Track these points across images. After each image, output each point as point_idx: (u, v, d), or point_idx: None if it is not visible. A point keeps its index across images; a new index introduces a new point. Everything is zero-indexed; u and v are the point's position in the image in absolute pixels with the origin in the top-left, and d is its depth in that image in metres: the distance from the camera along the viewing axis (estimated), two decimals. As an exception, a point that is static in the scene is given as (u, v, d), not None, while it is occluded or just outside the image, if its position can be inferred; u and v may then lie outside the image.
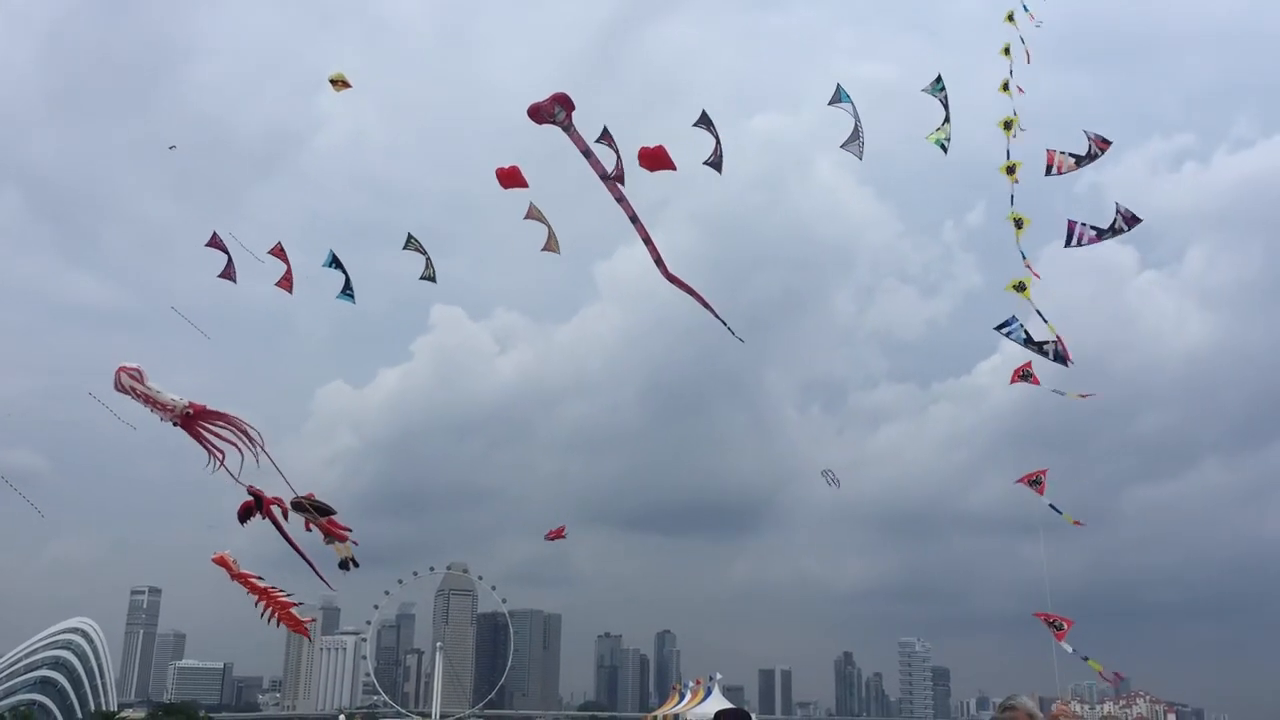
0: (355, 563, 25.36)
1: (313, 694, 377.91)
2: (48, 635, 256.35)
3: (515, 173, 23.71)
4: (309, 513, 21.39)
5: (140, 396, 18.82)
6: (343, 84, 32.73)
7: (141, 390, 18.78)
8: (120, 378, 18.70)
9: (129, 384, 18.71)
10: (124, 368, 18.74)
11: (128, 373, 18.71)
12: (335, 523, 21.89)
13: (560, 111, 18.74)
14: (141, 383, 18.88)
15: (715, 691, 77.31)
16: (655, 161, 19.61)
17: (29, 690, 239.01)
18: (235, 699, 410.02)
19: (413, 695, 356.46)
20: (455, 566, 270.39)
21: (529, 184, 24.05)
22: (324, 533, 21.84)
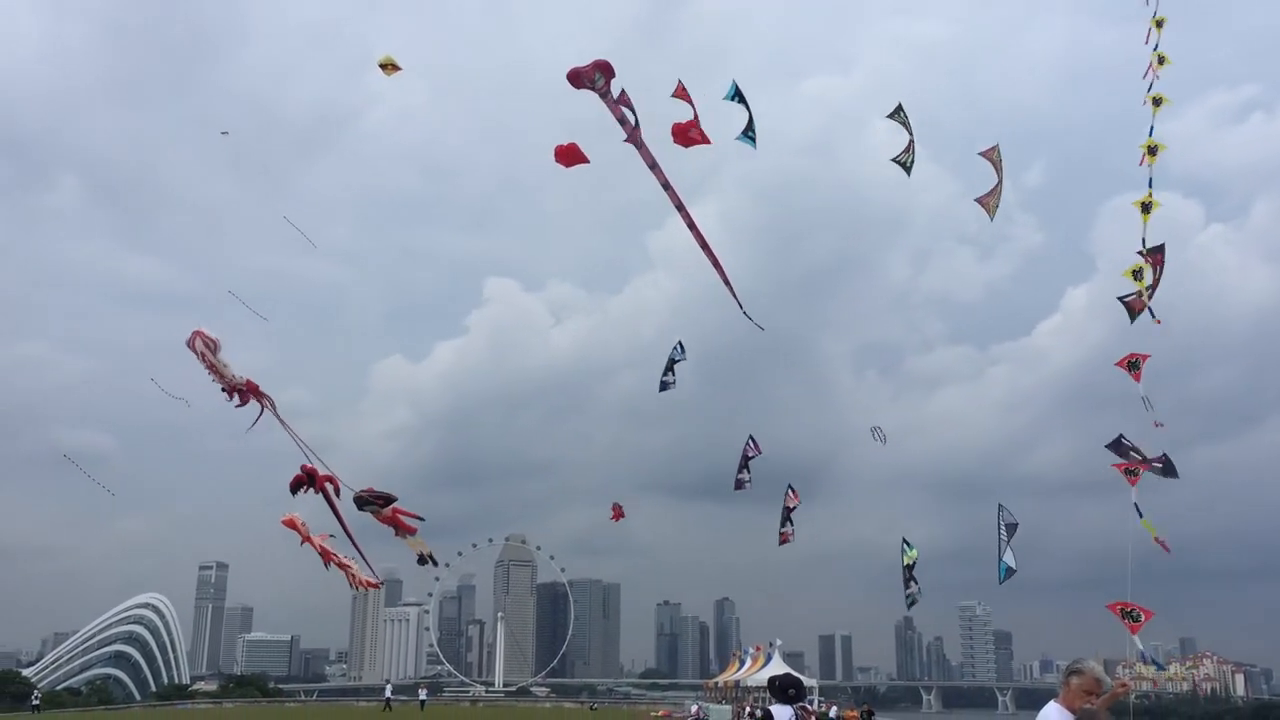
0: (434, 558, 25.34)
1: (378, 665, 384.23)
2: (121, 611, 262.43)
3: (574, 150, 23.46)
4: (373, 505, 21.42)
5: (206, 362, 19.11)
6: (392, 67, 32.66)
7: (210, 359, 19.05)
8: (196, 341, 18.96)
9: (201, 348, 18.98)
10: (202, 333, 19.02)
11: (204, 339, 18.97)
12: (401, 510, 21.91)
13: (600, 78, 18.52)
14: (214, 353, 19.15)
15: (776, 657, 77.23)
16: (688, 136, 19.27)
17: (104, 664, 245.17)
18: (303, 670, 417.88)
19: (476, 665, 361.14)
20: (514, 538, 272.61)
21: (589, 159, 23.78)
22: (393, 525, 21.86)
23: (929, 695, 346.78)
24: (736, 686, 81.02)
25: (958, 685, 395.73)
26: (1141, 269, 31.83)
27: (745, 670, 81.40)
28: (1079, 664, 9.17)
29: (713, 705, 77.91)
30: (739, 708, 69.20)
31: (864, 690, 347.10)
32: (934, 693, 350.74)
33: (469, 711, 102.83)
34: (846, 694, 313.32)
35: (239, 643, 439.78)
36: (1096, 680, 8.93)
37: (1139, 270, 31.96)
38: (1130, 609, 29.25)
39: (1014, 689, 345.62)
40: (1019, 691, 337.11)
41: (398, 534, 21.83)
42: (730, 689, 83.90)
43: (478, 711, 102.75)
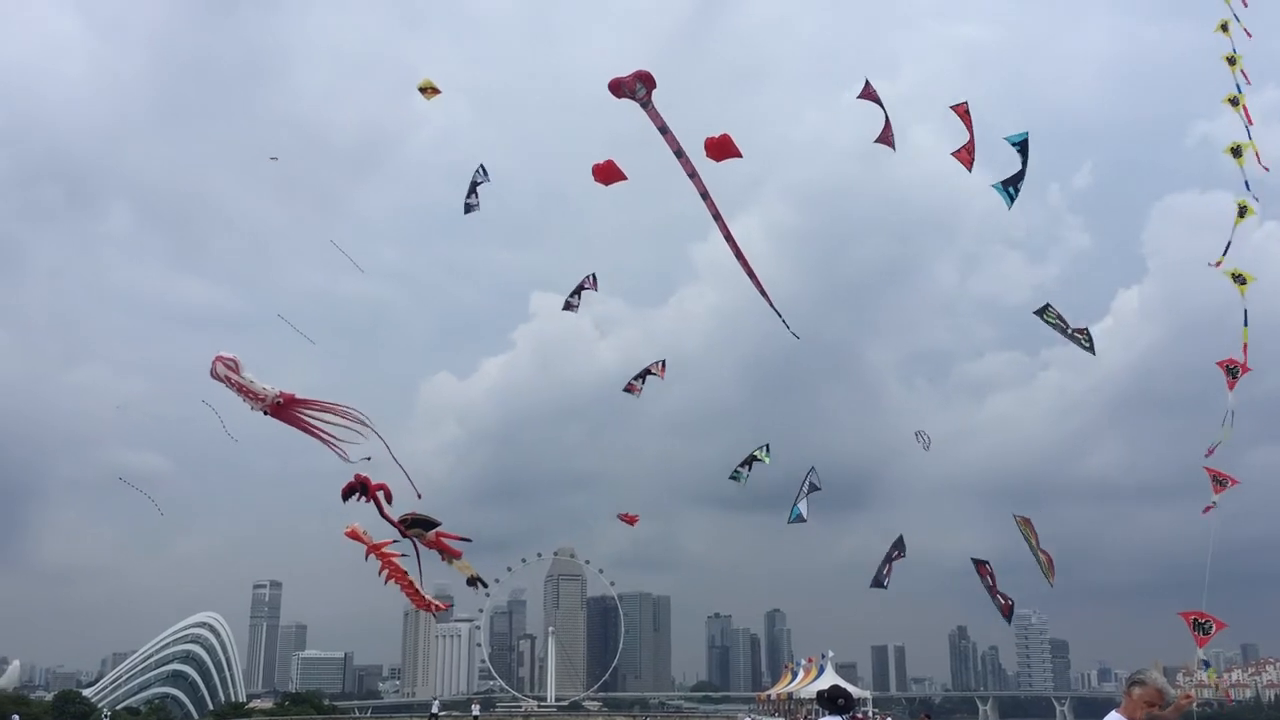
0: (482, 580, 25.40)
1: (430, 680, 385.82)
2: (177, 630, 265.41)
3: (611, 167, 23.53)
4: (418, 529, 21.45)
5: (234, 385, 19.24)
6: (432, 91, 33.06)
7: (235, 380, 19.19)
8: (216, 366, 19.16)
9: (224, 373, 19.16)
10: (221, 357, 19.21)
11: (224, 362, 19.17)
12: (445, 533, 21.90)
13: (641, 88, 18.54)
14: (236, 372, 19.29)
15: (828, 669, 76.71)
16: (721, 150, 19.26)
17: (162, 684, 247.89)
18: (357, 687, 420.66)
19: (528, 680, 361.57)
20: (562, 551, 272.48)
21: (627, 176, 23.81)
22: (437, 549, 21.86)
23: (985, 706, 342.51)
24: (789, 699, 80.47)
25: (1014, 695, 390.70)
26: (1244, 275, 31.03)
27: (798, 682, 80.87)
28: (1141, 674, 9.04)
29: (766, 717, 77.48)
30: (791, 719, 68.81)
31: (919, 701, 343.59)
32: (990, 703, 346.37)
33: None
34: (901, 705, 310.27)
35: (293, 660, 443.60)
36: (1159, 691, 8.78)
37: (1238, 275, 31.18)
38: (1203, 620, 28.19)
39: (1072, 698, 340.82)
40: (1077, 701, 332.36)
41: (443, 558, 21.83)
42: (783, 701, 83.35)
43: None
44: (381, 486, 21.14)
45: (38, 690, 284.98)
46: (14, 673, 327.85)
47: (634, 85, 18.63)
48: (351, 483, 20.74)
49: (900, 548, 32.76)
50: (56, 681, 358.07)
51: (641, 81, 18.61)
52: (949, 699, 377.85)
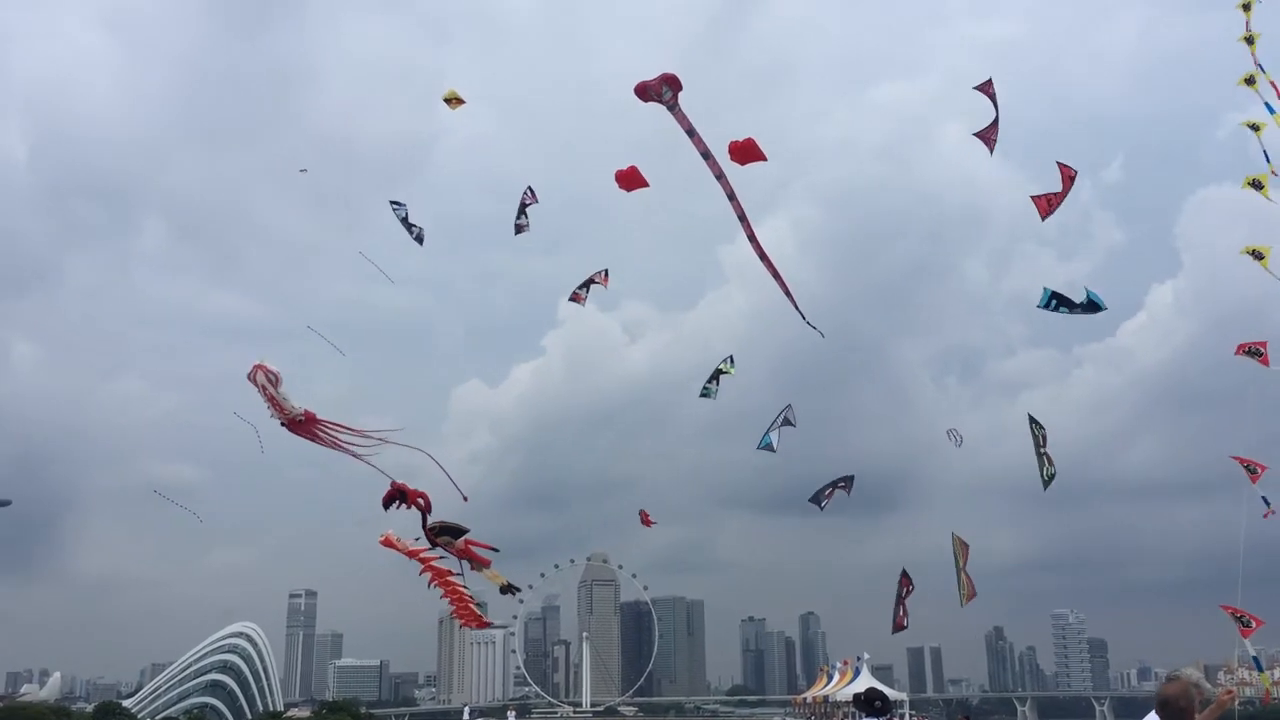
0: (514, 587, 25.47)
1: (466, 687, 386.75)
2: (214, 640, 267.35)
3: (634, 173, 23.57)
4: (445, 537, 21.54)
5: (266, 396, 19.46)
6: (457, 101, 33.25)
7: (271, 392, 19.40)
8: (257, 374, 19.36)
9: (262, 381, 19.36)
10: (263, 367, 19.41)
11: (265, 372, 19.38)
12: (474, 541, 21.98)
13: (667, 91, 18.57)
14: (275, 385, 19.49)
15: (864, 671, 76.34)
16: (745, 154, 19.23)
17: (201, 694, 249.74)
18: (394, 694, 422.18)
19: (563, 685, 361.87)
20: (595, 557, 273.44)
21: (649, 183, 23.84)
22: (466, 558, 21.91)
23: (1023, 707, 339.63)
24: (825, 701, 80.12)
25: (1053, 695, 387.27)
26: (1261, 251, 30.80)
27: (833, 685, 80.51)
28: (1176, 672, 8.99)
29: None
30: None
31: (956, 702, 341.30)
32: (1029, 704, 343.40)
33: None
34: (938, 707, 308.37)
35: (330, 669, 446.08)
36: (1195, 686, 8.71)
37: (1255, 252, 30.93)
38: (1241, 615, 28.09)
39: (1111, 698, 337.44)
40: (1117, 701, 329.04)
41: (473, 567, 21.87)
42: (819, 704, 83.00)
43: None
44: (421, 494, 21.27)
45: (79, 701, 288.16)
46: (55, 684, 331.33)
47: (660, 88, 18.67)
48: (391, 491, 20.90)
49: (849, 482, 32.70)
50: (97, 693, 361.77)
51: (667, 84, 18.65)
52: (986, 700, 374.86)
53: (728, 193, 19.41)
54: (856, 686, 65.04)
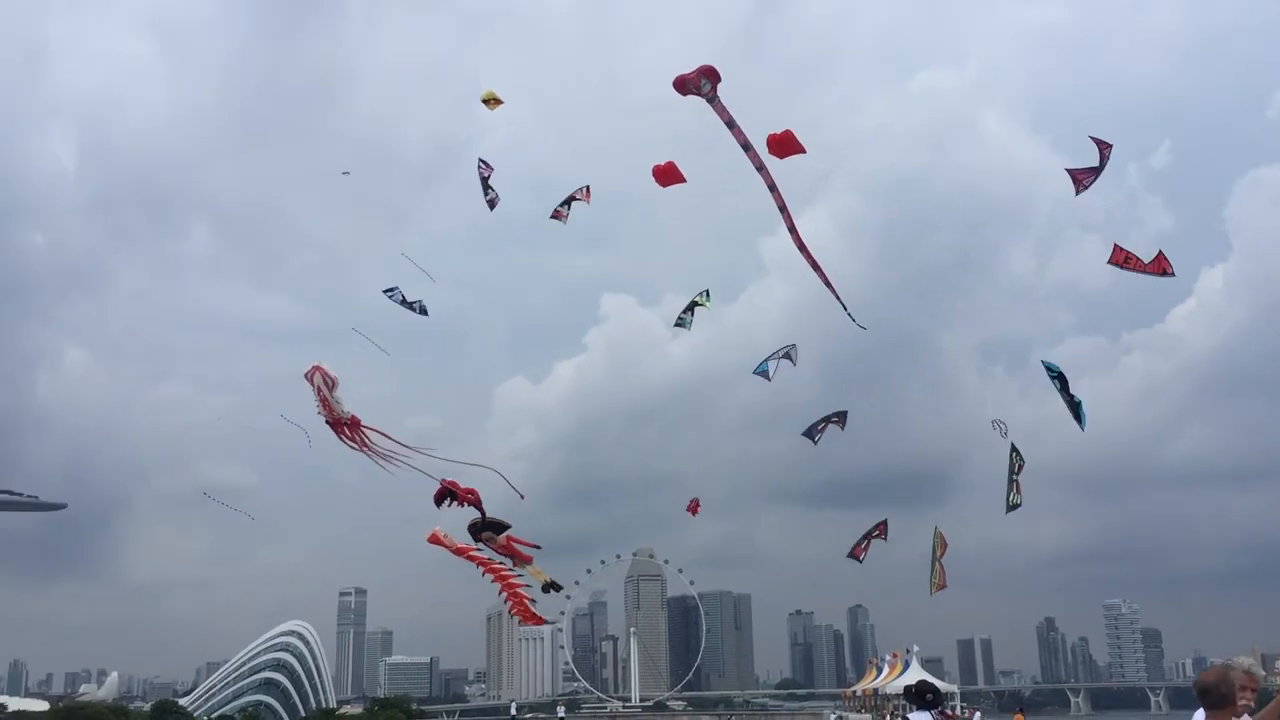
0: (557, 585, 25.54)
1: (515, 683, 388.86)
2: (267, 639, 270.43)
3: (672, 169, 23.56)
4: (489, 533, 21.65)
5: (320, 396, 19.72)
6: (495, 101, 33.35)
7: (325, 394, 19.66)
8: (315, 374, 19.62)
9: (320, 383, 19.62)
10: (322, 370, 19.67)
11: (324, 375, 19.64)
12: (516, 539, 22.06)
13: (706, 83, 18.52)
14: (330, 389, 19.75)
15: (913, 664, 75.84)
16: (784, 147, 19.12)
17: (255, 691, 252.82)
18: (444, 691, 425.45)
19: (611, 681, 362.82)
20: (641, 552, 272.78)
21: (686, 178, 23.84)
22: (509, 554, 21.99)
23: (1077, 698, 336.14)
24: (875, 694, 79.75)
25: (1107, 686, 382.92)
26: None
27: (883, 678, 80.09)
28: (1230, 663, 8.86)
29: (852, 714, 76.86)
30: (880, 715, 68.15)
31: (1007, 694, 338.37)
32: (1082, 695, 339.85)
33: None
34: (989, 699, 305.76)
35: (381, 666, 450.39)
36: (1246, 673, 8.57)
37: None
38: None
39: (1167, 688, 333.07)
40: (1172, 691, 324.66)
41: (515, 563, 21.95)
42: (869, 697, 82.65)
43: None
44: (471, 491, 21.46)
45: (136, 701, 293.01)
46: (112, 684, 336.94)
47: (699, 81, 18.63)
48: (441, 489, 21.10)
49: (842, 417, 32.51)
50: (153, 692, 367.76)
51: (706, 76, 18.61)
52: (1039, 691, 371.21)
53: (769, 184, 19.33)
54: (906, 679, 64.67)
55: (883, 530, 35.53)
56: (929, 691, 11.74)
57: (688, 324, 35.42)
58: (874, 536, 35.37)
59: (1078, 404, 29.95)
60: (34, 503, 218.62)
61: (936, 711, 11.46)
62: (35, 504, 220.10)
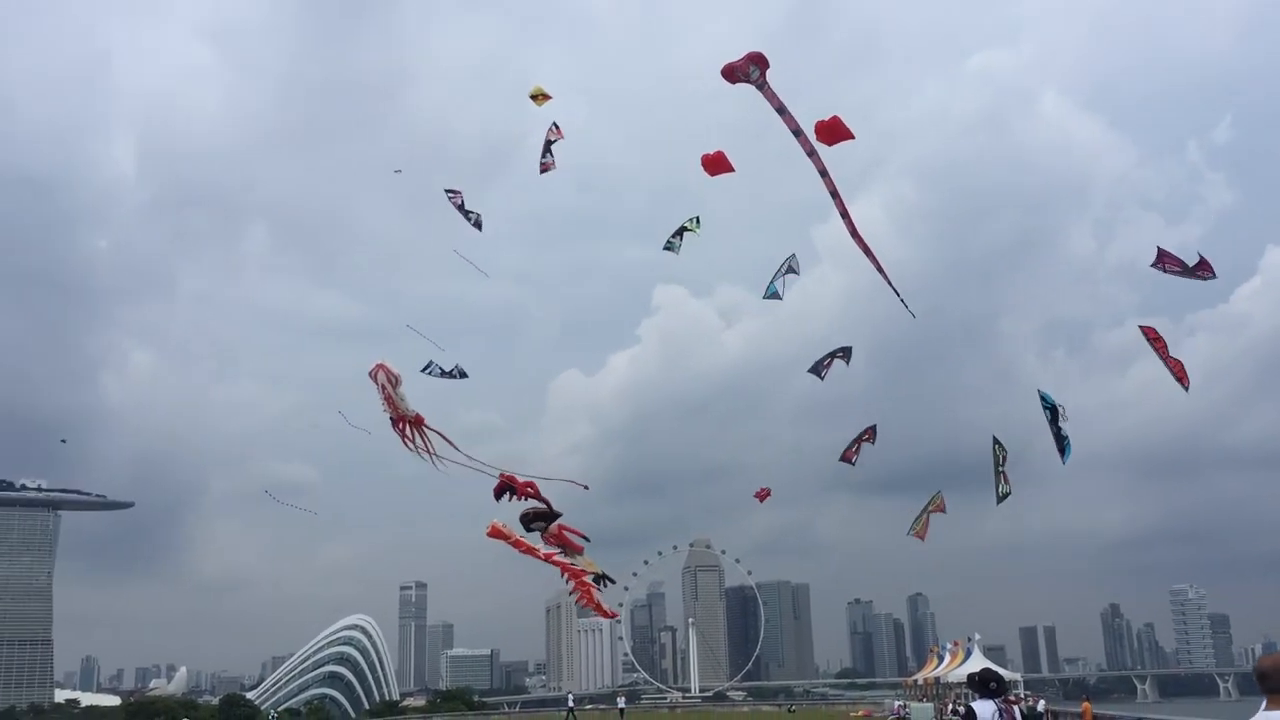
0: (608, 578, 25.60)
1: (576, 675, 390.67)
2: (331, 633, 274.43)
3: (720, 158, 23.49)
4: (539, 524, 21.74)
5: (385, 395, 19.90)
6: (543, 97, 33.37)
7: (390, 392, 19.84)
8: (379, 373, 19.81)
9: (383, 380, 19.81)
10: (385, 367, 19.86)
11: (387, 373, 19.83)
12: (567, 527, 22.11)
13: (755, 70, 18.42)
14: (394, 386, 19.93)
15: (975, 652, 75.07)
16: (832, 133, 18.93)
17: (320, 685, 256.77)
18: (505, 683, 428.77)
19: (670, 671, 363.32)
20: (698, 543, 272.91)
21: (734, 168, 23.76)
22: (560, 545, 22.03)
23: (1143, 685, 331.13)
24: (937, 683, 79.11)
25: (1174, 673, 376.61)
26: None
27: (944, 666, 79.35)
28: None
29: (914, 703, 76.29)
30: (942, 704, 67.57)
31: (1072, 682, 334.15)
32: (1149, 681, 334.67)
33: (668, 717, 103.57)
34: (1054, 686, 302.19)
35: (442, 658, 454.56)
36: None
37: None
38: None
39: (1235, 674, 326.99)
40: (1241, 677, 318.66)
41: (566, 553, 22.00)
42: (930, 686, 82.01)
43: (677, 716, 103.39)
44: (530, 484, 21.62)
45: (204, 695, 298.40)
46: (181, 679, 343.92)
47: (747, 68, 18.53)
48: (501, 483, 21.29)
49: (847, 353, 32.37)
50: (221, 686, 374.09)
51: (755, 63, 18.50)
52: (1104, 679, 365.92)
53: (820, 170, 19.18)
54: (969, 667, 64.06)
55: (871, 435, 35.31)
56: (992, 680, 11.58)
57: (676, 248, 35.07)
58: (864, 440, 35.15)
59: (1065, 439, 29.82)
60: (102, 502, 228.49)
61: (1000, 700, 11.30)
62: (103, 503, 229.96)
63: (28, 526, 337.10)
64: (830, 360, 32.86)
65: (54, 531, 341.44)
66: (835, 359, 33.09)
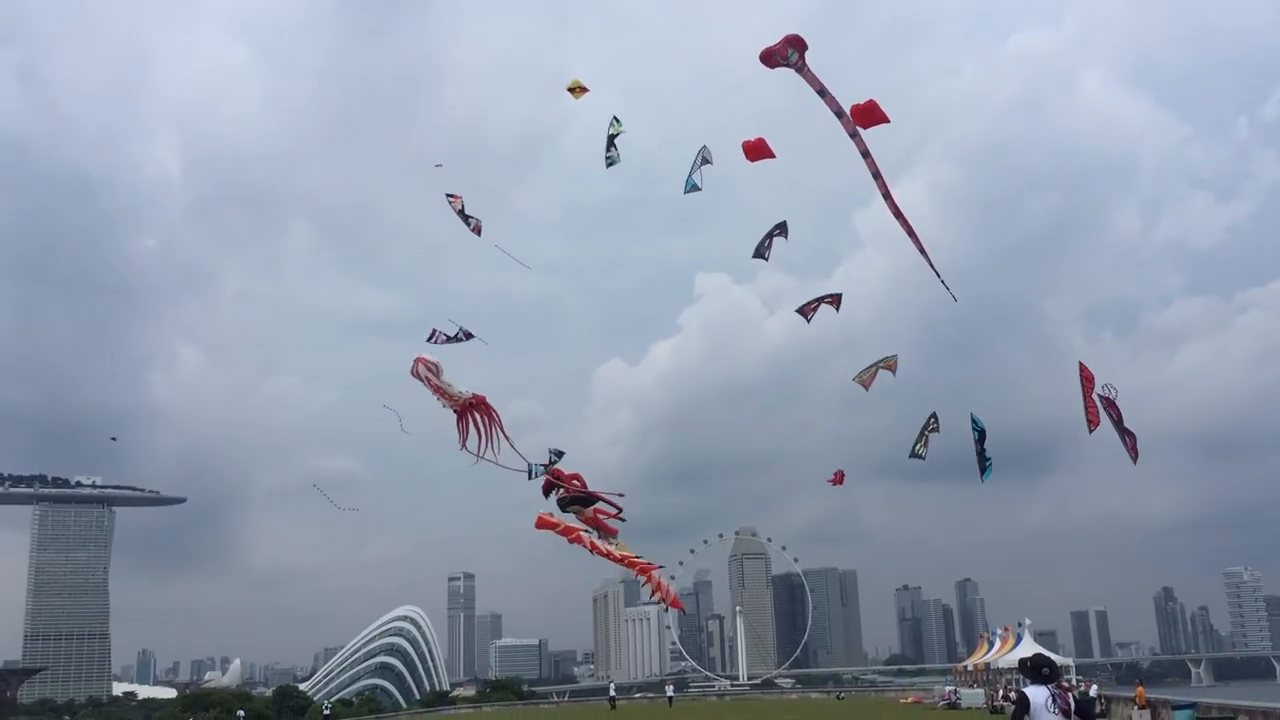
0: None
1: (624, 664, 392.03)
2: (381, 624, 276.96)
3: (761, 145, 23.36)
4: (575, 506, 21.68)
5: (432, 387, 19.85)
6: (580, 90, 33.31)
7: (435, 383, 19.80)
8: (418, 368, 19.82)
9: (424, 374, 19.80)
10: (423, 359, 19.87)
11: (425, 364, 19.83)
12: (603, 510, 22.01)
13: (793, 53, 18.25)
14: (436, 376, 19.90)
15: (1026, 637, 74.42)
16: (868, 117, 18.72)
17: (371, 675, 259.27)
18: (554, 672, 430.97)
19: (718, 660, 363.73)
20: (743, 531, 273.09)
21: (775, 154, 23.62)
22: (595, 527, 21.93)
23: (1198, 668, 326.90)
24: (987, 669, 78.50)
25: (1229, 656, 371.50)
26: None
27: (995, 652, 78.68)
28: None
29: (965, 689, 75.78)
30: (993, 690, 67.09)
31: (1125, 666, 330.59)
32: (1203, 665, 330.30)
33: (717, 705, 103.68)
34: (1107, 671, 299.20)
35: (491, 648, 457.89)
36: None
37: None
38: None
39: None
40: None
41: (600, 536, 21.91)
42: (981, 672, 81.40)
43: (725, 705, 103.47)
44: (575, 477, 21.66)
45: (258, 686, 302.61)
46: (235, 671, 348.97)
47: (785, 52, 18.37)
48: (548, 480, 21.32)
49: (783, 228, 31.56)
50: (274, 678, 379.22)
51: (792, 46, 18.33)
52: (1158, 663, 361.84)
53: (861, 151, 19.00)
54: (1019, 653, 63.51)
55: (835, 300, 34.64)
56: (1044, 665, 11.43)
57: (616, 159, 34.57)
58: (826, 301, 34.39)
59: (987, 460, 29.75)
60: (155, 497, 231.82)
61: (1053, 685, 11.16)
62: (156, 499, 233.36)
63: (84, 523, 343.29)
64: (769, 241, 31.99)
65: (109, 527, 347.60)
66: (773, 237, 32.09)
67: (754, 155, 23.36)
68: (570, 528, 21.93)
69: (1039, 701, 10.79)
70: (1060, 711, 10.89)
